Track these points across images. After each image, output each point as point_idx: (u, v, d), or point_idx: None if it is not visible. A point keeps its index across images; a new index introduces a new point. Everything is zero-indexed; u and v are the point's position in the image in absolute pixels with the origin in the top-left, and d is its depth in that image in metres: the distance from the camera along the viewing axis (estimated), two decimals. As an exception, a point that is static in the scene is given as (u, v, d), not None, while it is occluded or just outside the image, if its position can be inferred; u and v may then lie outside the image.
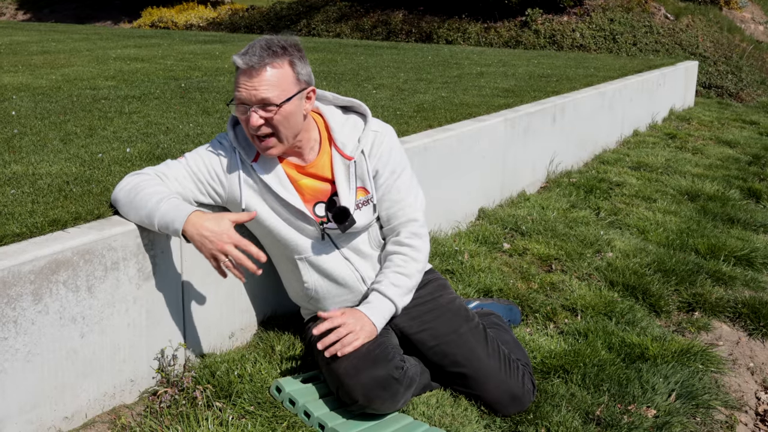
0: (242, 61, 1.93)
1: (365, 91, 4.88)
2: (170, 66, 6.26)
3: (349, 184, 2.12)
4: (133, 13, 18.51)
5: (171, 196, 1.94)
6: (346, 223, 2.07)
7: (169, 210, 1.89)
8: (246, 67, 1.93)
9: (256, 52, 1.93)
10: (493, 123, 3.82)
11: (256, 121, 1.95)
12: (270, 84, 1.94)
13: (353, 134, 2.14)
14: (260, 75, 1.93)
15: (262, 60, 1.93)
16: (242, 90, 1.95)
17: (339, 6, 13.08)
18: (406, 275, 2.13)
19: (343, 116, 2.18)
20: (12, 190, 2.23)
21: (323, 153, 2.13)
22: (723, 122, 7.24)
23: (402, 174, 2.17)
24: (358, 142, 2.13)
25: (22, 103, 3.95)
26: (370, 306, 2.08)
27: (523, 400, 2.12)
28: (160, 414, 1.98)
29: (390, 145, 2.16)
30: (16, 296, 1.71)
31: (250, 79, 1.93)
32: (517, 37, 10.65)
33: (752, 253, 3.47)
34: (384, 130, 2.18)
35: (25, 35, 10.16)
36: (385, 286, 2.11)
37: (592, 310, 2.80)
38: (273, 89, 1.94)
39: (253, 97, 1.94)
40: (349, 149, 2.12)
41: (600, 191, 4.41)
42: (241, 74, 1.95)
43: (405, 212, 2.17)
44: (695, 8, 11.27)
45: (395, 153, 2.17)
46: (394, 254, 2.16)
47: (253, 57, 1.93)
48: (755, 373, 2.64)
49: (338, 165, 2.11)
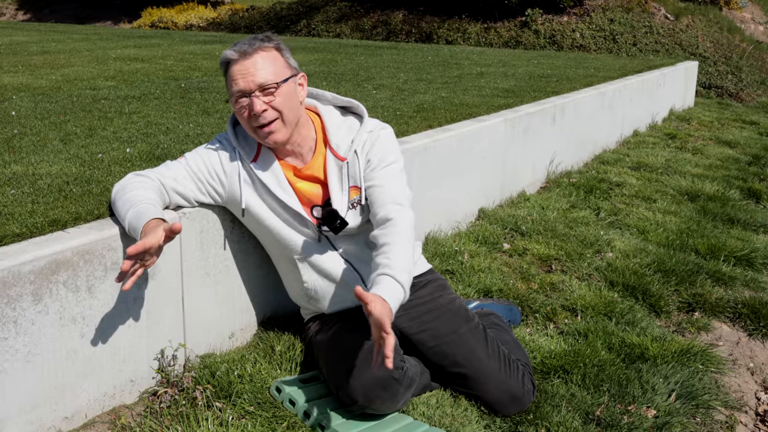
0: (233, 51, 1.98)
1: (365, 91, 4.88)
2: (170, 66, 6.26)
3: (341, 185, 2.11)
4: (133, 13, 18.51)
5: (142, 202, 1.91)
6: (336, 224, 2.07)
7: (133, 217, 1.87)
8: (238, 56, 1.97)
9: (245, 41, 2.00)
10: (493, 123, 3.82)
11: (259, 106, 1.96)
12: (264, 67, 1.98)
13: (348, 135, 2.14)
14: (254, 60, 1.98)
15: (253, 46, 1.98)
16: (239, 80, 1.97)
17: (339, 6, 13.08)
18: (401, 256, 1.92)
19: (341, 117, 2.19)
20: (12, 191, 2.23)
21: (318, 154, 2.13)
22: (723, 122, 7.25)
23: (392, 165, 2.12)
24: (351, 143, 2.12)
25: (22, 104, 3.95)
26: (387, 293, 1.82)
27: (523, 401, 2.12)
28: (160, 414, 1.98)
29: (384, 139, 2.14)
30: (16, 296, 1.71)
31: (245, 67, 1.97)
32: (517, 38, 10.65)
33: (752, 254, 3.47)
34: (377, 129, 2.16)
35: (25, 35, 10.16)
36: (397, 271, 1.88)
37: (592, 310, 2.80)
38: (268, 72, 1.98)
39: (252, 83, 1.96)
40: (343, 150, 2.12)
41: (600, 191, 4.41)
42: (234, 65, 1.98)
43: (388, 196, 2.06)
44: (695, 8, 11.27)
45: (390, 145, 2.14)
46: (382, 237, 1.98)
47: (243, 45, 1.99)
48: (755, 374, 2.64)
49: (331, 166, 2.11)
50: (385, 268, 1.87)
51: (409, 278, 1.91)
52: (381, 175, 2.10)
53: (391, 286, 1.83)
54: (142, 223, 1.83)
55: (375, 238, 2.00)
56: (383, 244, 1.95)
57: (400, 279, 1.85)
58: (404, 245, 1.94)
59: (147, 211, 1.87)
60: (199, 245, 2.16)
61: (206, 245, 2.19)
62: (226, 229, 2.25)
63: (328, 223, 2.07)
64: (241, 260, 2.33)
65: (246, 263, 2.35)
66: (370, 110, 3.88)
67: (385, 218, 2.01)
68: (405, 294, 1.87)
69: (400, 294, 1.84)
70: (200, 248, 2.17)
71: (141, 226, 1.82)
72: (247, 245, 2.33)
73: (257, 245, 2.33)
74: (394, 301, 1.80)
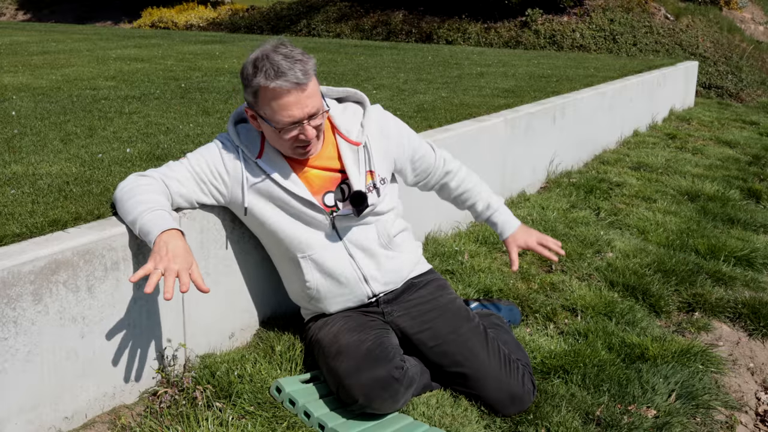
0: (288, 81, 1.88)
1: (365, 91, 4.89)
2: (170, 66, 6.26)
3: (359, 169, 2.13)
4: (133, 13, 18.52)
5: (158, 208, 1.91)
6: (363, 206, 2.10)
7: (149, 221, 1.87)
8: (294, 87, 1.89)
9: (295, 68, 1.89)
10: (493, 123, 3.82)
11: (312, 133, 1.97)
12: (315, 94, 1.95)
13: (354, 120, 2.17)
14: (308, 89, 1.92)
15: (307, 75, 1.91)
16: (294, 110, 1.92)
17: (339, 6, 13.08)
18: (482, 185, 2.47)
19: (339, 105, 2.20)
20: (12, 190, 2.23)
21: (327, 144, 2.14)
22: (723, 122, 7.25)
23: (411, 134, 2.30)
24: (362, 126, 2.15)
25: (22, 104, 3.95)
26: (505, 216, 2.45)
27: (523, 401, 2.12)
28: (160, 414, 1.98)
29: (393, 120, 2.26)
30: (16, 296, 1.71)
31: (300, 99, 1.91)
32: (517, 38, 10.65)
33: (752, 254, 3.47)
34: (379, 111, 2.24)
35: (26, 35, 10.17)
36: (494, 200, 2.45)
37: (592, 310, 2.80)
38: (317, 99, 1.97)
39: (307, 114, 1.94)
40: (354, 135, 2.14)
41: (600, 191, 4.41)
42: (288, 96, 1.90)
43: (436, 157, 2.38)
44: (695, 8, 11.27)
45: (399, 123, 2.28)
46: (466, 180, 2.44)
47: (297, 73, 1.89)
48: (755, 374, 2.64)
49: (346, 152, 2.13)
50: (487, 209, 2.45)
51: (496, 196, 2.47)
52: (413, 149, 2.30)
53: (505, 213, 2.45)
54: (159, 228, 1.83)
55: (448, 190, 2.46)
56: (462, 192, 2.45)
57: (496, 205, 2.45)
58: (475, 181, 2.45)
59: (163, 218, 1.88)
60: (199, 245, 2.16)
61: (206, 245, 2.19)
62: (227, 229, 2.25)
63: (356, 204, 2.09)
64: (241, 260, 2.33)
65: (246, 263, 2.35)
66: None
67: (444, 172, 2.41)
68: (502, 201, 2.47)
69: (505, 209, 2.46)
70: (200, 248, 2.17)
71: (158, 230, 1.83)
72: (248, 245, 2.33)
73: (257, 245, 2.33)
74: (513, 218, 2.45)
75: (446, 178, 2.43)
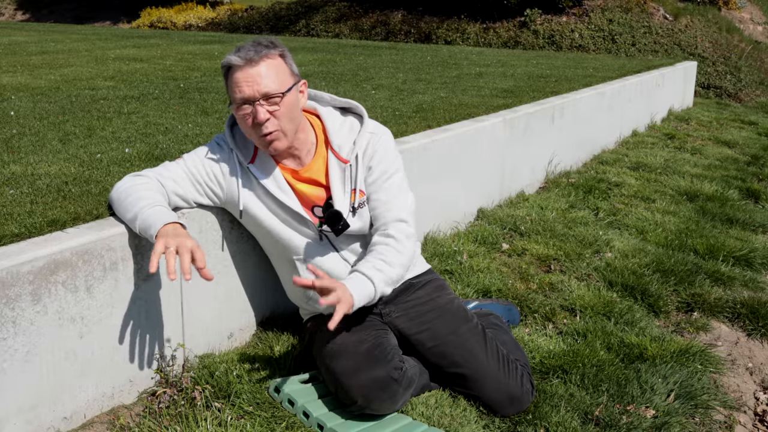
0: (239, 57, 1.94)
1: (364, 91, 4.88)
2: (169, 66, 6.25)
3: (344, 188, 2.11)
4: (132, 13, 18.51)
5: (157, 203, 1.93)
6: (339, 226, 2.07)
7: (150, 215, 1.88)
8: (243, 63, 1.94)
9: (250, 48, 1.96)
10: (492, 123, 3.82)
11: (263, 115, 1.95)
12: (269, 76, 1.95)
13: (350, 136, 2.14)
14: (259, 68, 1.94)
15: (259, 53, 1.95)
16: (244, 87, 1.94)
17: (338, 6, 13.08)
18: (389, 264, 2.02)
19: (341, 118, 2.18)
20: (11, 191, 2.23)
21: (318, 156, 2.13)
22: (722, 122, 7.25)
23: (394, 176, 2.14)
24: (354, 144, 2.12)
25: (21, 104, 3.95)
26: (352, 282, 1.95)
27: (522, 401, 2.12)
28: (159, 414, 1.98)
29: (385, 146, 2.15)
30: (15, 296, 1.71)
31: (250, 75, 1.94)
32: (516, 38, 10.65)
33: (751, 254, 3.48)
34: (380, 132, 2.16)
35: (24, 35, 10.16)
36: (367, 268, 1.99)
37: (591, 310, 2.80)
38: (274, 81, 1.96)
39: (257, 92, 1.94)
40: (345, 152, 2.11)
41: (599, 191, 4.41)
42: (238, 71, 1.95)
43: (392, 213, 2.10)
44: (694, 9, 11.28)
45: (389, 154, 2.15)
46: (379, 244, 2.07)
47: (249, 52, 1.94)
48: (754, 374, 2.65)
49: (333, 168, 2.11)
50: (362, 266, 2.00)
51: (386, 282, 2.01)
52: (385, 188, 2.12)
53: (360, 281, 1.96)
54: (160, 222, 1.84)
55: (373, 246, 2.08)
56: (378, 253, 2.04)
57: (372, 276, 1.97)
58: (397, 264, 2.04)
59: (164, 212, 1.89)
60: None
61: (205, 245, 2.19)
62: (225, 230, 2.25)
63: (331, 224, 2.07)
64: (239, 260, 2.33)
65: (245, 263, 2.35)
66: (369, 110, 3.88)
67: (387, 235, 2.08)
68: (375, 293, 1.97)
69: (368, 289, 1.96)
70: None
71: (159, 224, 1.84)
72: (246, 245, 2.33)
73: (256, 245, 2.33)
74: (357, 292, 1.92)
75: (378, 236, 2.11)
